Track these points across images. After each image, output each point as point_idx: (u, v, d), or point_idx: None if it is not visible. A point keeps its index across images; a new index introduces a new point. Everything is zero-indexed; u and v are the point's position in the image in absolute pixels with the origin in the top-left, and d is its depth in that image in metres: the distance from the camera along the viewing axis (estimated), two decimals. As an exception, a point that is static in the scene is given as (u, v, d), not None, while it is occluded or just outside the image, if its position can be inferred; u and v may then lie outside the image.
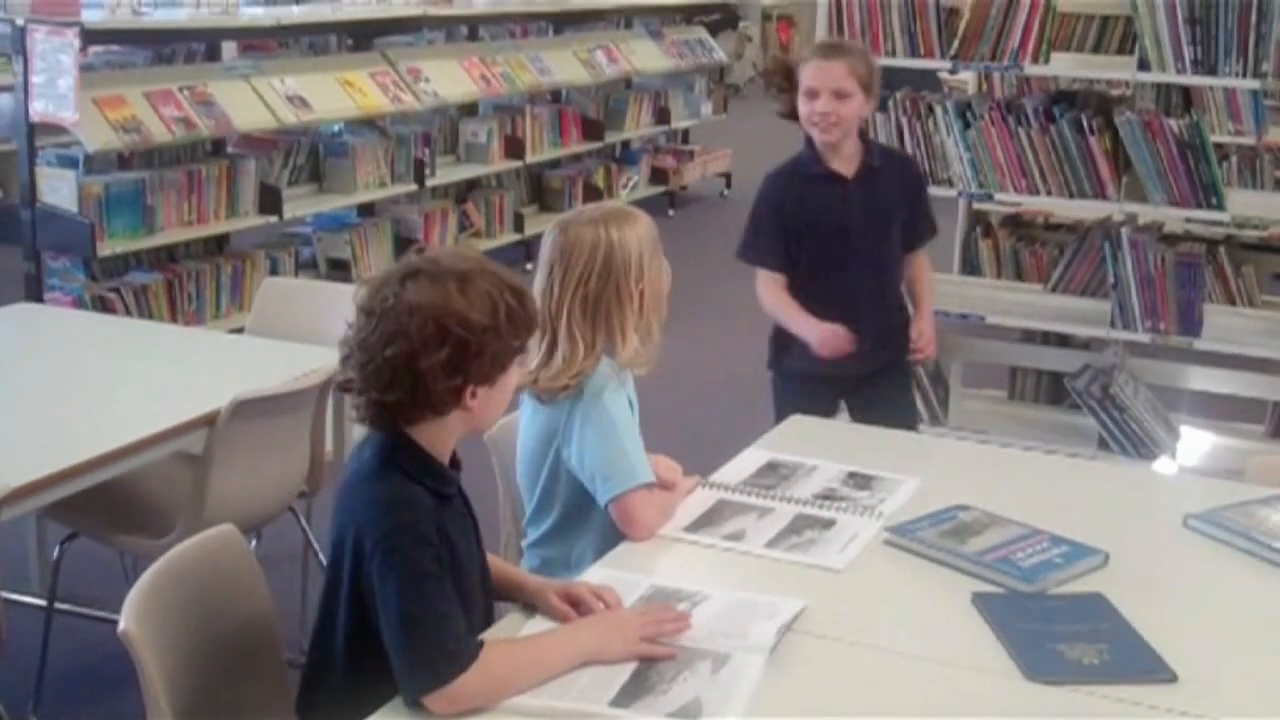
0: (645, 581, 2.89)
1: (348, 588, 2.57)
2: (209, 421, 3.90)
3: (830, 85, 4.42)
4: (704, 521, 3.24)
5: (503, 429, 3.47)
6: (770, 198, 4.61)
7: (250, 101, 7.58)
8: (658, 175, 12.16)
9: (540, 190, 10.82)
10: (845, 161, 4.56)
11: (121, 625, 2.53)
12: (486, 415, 2.69)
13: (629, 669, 2.55)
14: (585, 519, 3.20)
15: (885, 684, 2.60)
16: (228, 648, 2.79)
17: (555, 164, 10.94)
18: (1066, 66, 6.15)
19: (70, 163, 6.79)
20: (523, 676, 2.49)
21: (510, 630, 2.72)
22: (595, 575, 2.93)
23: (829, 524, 3.23)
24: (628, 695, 2.48)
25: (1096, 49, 6.75)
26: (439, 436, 2.64)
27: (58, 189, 6.64)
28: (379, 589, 2.48)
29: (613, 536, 3.17)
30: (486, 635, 2.63)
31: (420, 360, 2.51)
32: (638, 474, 3.18)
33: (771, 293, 4.59)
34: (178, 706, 2.59)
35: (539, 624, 2.73)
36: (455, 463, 2.72)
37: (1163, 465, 5.61)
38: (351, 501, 2.60)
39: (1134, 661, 2.64)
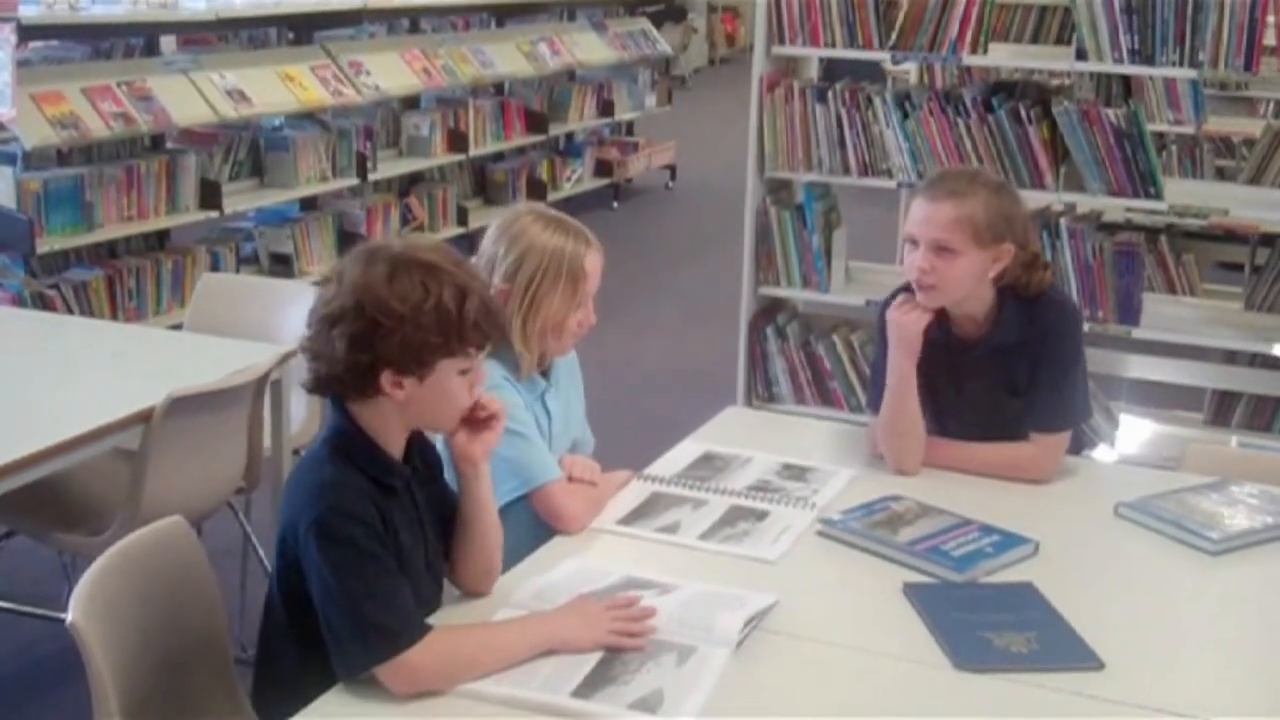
0: (619, 571, 2.89)
1: (290, 574, 2.58)
2: (144, 418, 3.88)
3: (930, 235, 3.46)
4: (638, 514, 3.24)
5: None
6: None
7: (189, 96, 7.54)
8: (602, 168, 12.12)
9: (484, 183, 10.78)
10: (967, 323, 3.60)
11: (69, 617, 2.52)
12: (423, 416, 2.67)
13: (594, 659, 2.55)
14: (503, 520, 3.19)
15: (814, 674, 2.61)
16: (176, 639, 2.78)
17: (499, 157, 10.91)
18: (1005, 57, 6.18)
19: (8, 159, 6.75)
20: (483, 659, 2.51)
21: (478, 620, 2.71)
22: (564, 568, 2.93)
23: (762, 515, 3.24)
24: (590, 686, 2.47)
25: (1035, 39, 6.79)
26: (381, 424, 2.64)
27: (-4, 186, 6.60)
28: (314, 571, 2.49)
29: (533, 538, 3.14)
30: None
31: (335, 329, 2.54)
32: (542, 470, 3.19)
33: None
34: (125, 699, 2.58)
35: (509, 614, 2.72)
36: (409, 458, 2.72)
37: (1102, 454, 5.63)
38: (292, 487, 2.62)
39: (1062, 650, 2.66)
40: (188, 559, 2.85)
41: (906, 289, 3.59)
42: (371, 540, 2.51)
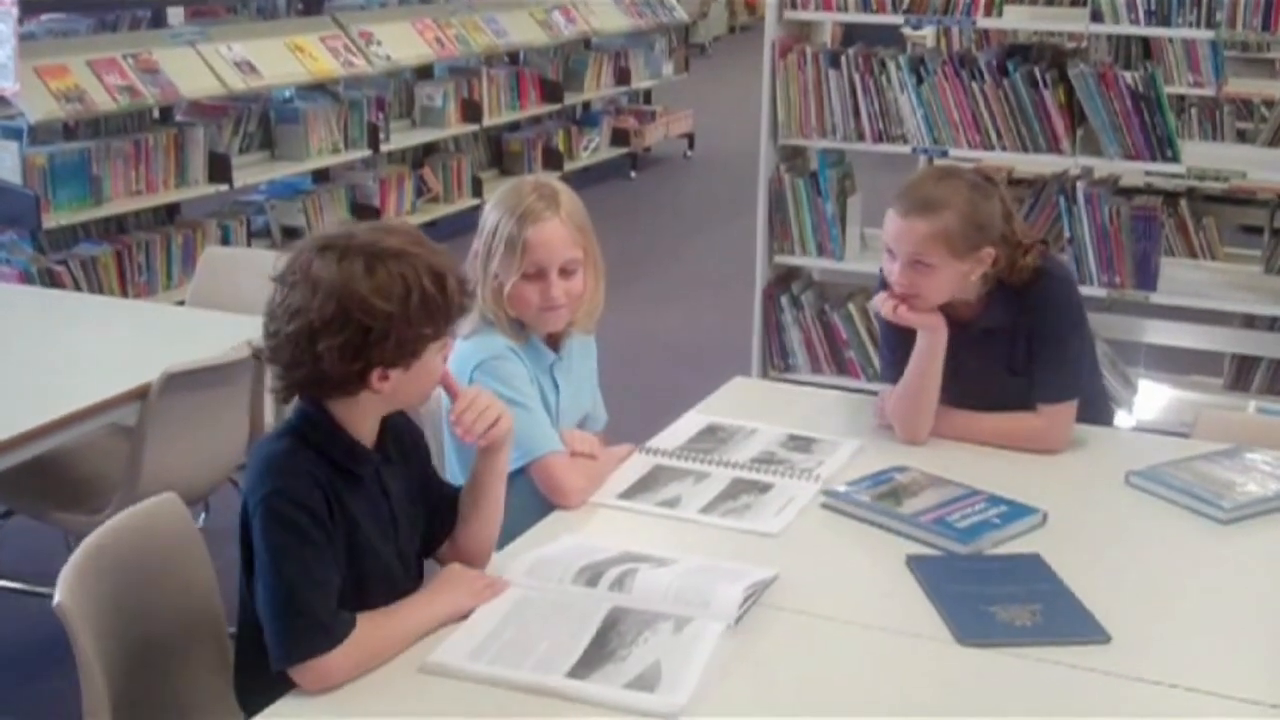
0: (617, 546, 2.82)
1: (248, 555, 2.51)
2: (141, 394, 3.84)
3: (904, 251, 3.38)
4: (639, 488, 3.18)
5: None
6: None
7: (197, 68, 7.50)
8: (619, 137, 12.05)
9: (499, 153, 10.73)
10: (961, 306, 3.50)
11: (56, 598, 2.47)
12: (405, 397, 2.60)
13: (591, 632, 2.49)
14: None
15: (815, 650, 2.56)
16: (169, 619, 2.73)
17: (514, 127, 10.86)
18: (1020, 19, 6.11)
19: (13, 134, 6.70)
20: (389, 648, 2.46)
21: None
22: (561, 543, 2.87)
23: (766, 488, 3.17)
24: (586, 665, 2.41)
25: (1051, 1, 6.70)
26: (354, 414, 2.55)
27: (1, 161, 6.55)
28: (257, 552, 2.44)
29: (534, 510, 3.08)
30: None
31: (319, 341, 2.42)
32: (542, 442, 3.12)
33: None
34: (114, 680, 2.54)
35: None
36: (382, 444, 2.63)
37: (1120, 420, 5.56)
38: (250, 464, 2.55)
39: (1067, 622, 2.60)
40: (181, 537, 2.80)
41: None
42: (315, 529, 2.43)
